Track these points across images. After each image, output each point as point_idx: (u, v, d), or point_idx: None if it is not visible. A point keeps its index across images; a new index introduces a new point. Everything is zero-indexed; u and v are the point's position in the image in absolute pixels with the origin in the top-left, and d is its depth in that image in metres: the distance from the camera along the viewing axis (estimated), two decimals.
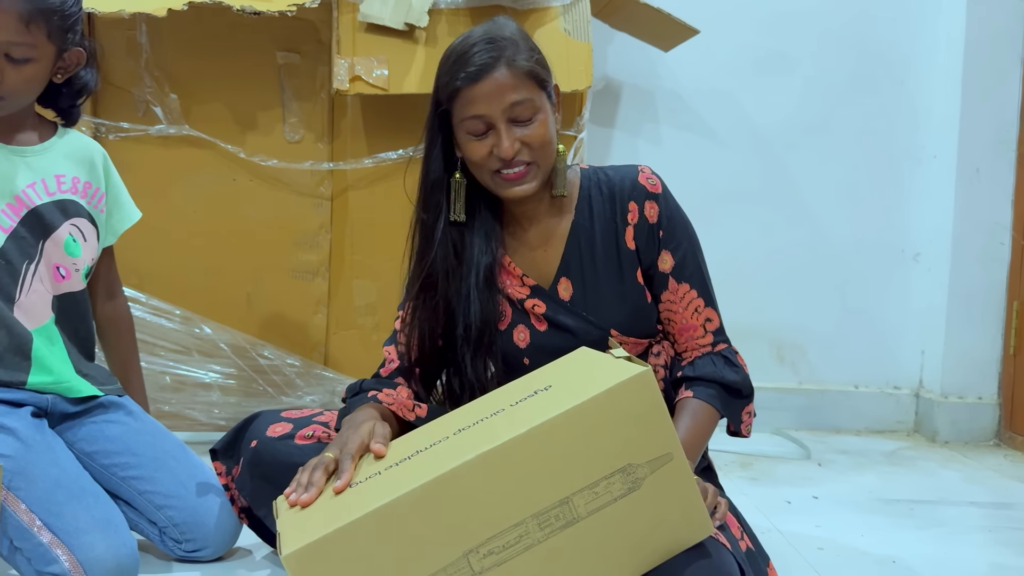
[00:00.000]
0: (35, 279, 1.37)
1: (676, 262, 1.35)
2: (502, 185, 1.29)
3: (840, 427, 2.62)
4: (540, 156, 1.28)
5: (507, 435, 0.95)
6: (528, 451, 0.95)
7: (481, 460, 0.94)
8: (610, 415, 0.96)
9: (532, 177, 1.29)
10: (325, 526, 0.93)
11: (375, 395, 1.31)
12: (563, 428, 0.96)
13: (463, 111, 1.26)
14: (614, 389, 0.97)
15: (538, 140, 1.27)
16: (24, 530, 1.21)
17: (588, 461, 0.96)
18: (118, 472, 1.37)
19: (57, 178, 1.41)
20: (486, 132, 1.26)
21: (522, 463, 0.95)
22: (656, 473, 0.98)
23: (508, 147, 1.25)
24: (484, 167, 1.28)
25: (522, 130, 1.26)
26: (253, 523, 1.45)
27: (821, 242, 2.62)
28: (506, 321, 1.37)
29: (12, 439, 1.28)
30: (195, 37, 2.04)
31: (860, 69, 2.58)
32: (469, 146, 1.28)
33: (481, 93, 1.24)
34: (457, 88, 1.25)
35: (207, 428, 2.15)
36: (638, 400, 0.97)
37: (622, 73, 2.55)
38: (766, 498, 1.96)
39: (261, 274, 2.17)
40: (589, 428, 0.96)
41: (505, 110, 1.25)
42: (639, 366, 0.99)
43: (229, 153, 2.07)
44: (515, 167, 1.27)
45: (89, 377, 1.44)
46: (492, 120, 1.25)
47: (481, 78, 1.24)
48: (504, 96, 1.24)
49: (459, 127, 1.28)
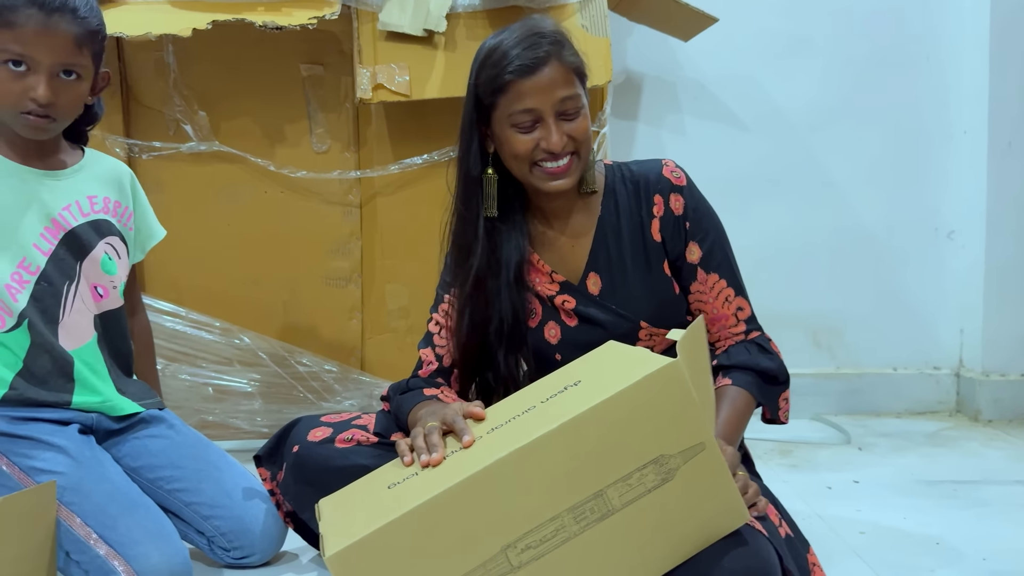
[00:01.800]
0: (76, 299, 1.41)
1: (704, 253, 1.36)
2: (542, 179, 1.31)
3: (880, 410, 2.59)
4: (582, 149, 1.31)
5: (540, 431, 0.97)
6: (561, 446, 0.97)
7: (515, 456, 0.96)
8: (640, 407, 0.98)
9: (574, 171, 1.31)
10: (366, 526, 0.95)
11: (434, 395, 1.34)
12: (594, 421, 0.97)
13: (512, 104, 1.28)
14: (643, 381, 0.98)
15: (582, 134, 1.30)
16: (81, 543, 1.25)
17: (620, 453, 0.98)
18: (164, 485, 1.40)
19: (90, 199, 1.45)
20: (533, 126, 1.28)
21: (555, 458, 0.96)
22: (689, 463, 0.99)
23: (557, 140, 1.27)
24: (526, 159, 1.30)
25: (568, 124, 1.29)
26: (298, 526, 1.48)
27: (853, 224, 2.59)
28: (536, 318, 1.39)
29: (63, 456, 1.32)
30: (221, 55, 2.08)
31: (883, 47, 2.55)
32: (514, 139, 1.29)
33: (533, 87, 1.26)
34: (506, 81, 1.27)
35: (251, 436, 2.19)
36: (668, 391, 0.98)
37: (642, 65, 2.54)
38: (806, 484, 1.95)
39: (296, 283, 2.20)
40: (620, 421, 0.97)
41: (555, 104, 1.27)
42: (667, 357, 1.00)
43: (259, 166, 2.11)
44: (560, 159, 1.29)
45: (130, 394, 1.47)
46: (542, 113, 1.27)
47: (534, 72, 1.26)
48: (555, 90, 1.27)
49: (503, 120, 1.30)
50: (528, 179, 1.32)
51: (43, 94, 1.29)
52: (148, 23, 1.90)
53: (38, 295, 1.37)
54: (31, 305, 1.36)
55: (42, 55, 1.29)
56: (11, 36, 1.28)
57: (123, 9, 1.96)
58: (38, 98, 1.29)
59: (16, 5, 1.27)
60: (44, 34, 1.29)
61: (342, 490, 1.14)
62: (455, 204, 1.38)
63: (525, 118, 1.28)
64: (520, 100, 1.27)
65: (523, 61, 1.26)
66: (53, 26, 1.29)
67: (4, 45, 1.28)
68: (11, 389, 1.36)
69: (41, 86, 1.29)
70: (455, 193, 1.38)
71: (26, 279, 1.37)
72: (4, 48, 1.28)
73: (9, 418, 1.34)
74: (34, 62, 1.29)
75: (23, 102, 1.30)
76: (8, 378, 1.36)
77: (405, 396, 1.36)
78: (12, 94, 1.30)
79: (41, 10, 1.28)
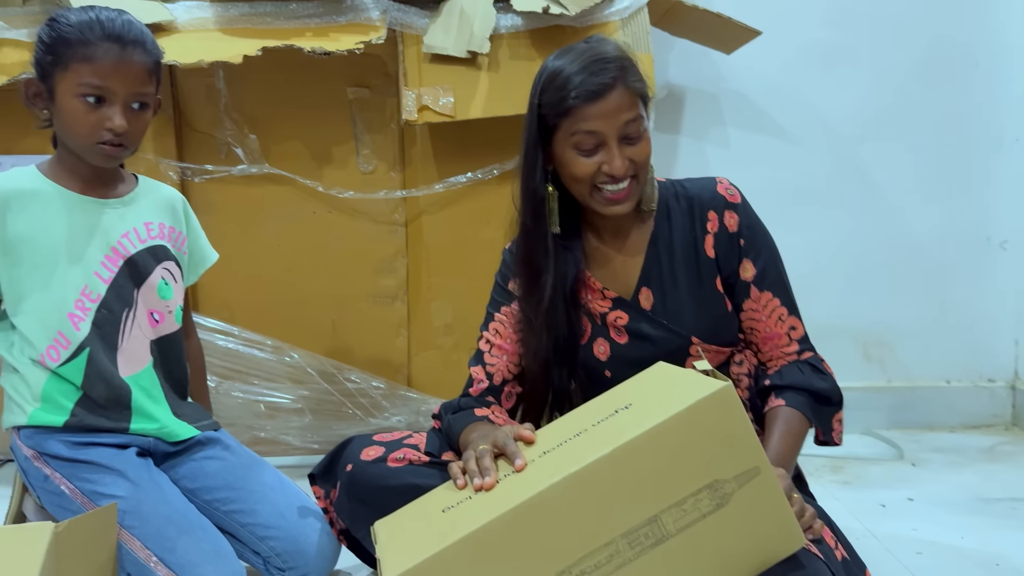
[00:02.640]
0: (134, 326, 1.44)
1: (758, 271, 1.35)
2: (602, 203, 1.31)
3: (933, 424, 2.55)
4: (642, 173, 1.32)
5: (592, 456, 0.97)
6: (613, 471, 0.97)
7: (568, 482, 0.96)
8: (693, 432, 0.97)
9: (633, 195, 1.32)
10: (422, 552, 0.96)
11: (486, 415, 1.35)
12: (647, 447, 0.97)
13: (576, 127, 1.28)
14: (695, 406, 0.98)
15: (644, 158, 1.31)
16: (141, 566, 1.28)
17: (674, 478, 0.97)
18: (220, 507, 1.42)
19: (146, 225, 1.48)
20: (595, 149, 1.29)
21: (608, 483, 0.97)
22: (744, 488, 0.98)
23: (620, 165, 1.28)
24: (587, 182, 1.30)
25: (630, 148, 1.29)
26: (352, 544, 1.50)
27: (902, 235, 2.55)
28: (586, 335, 1.40)
29: (122, 480, 1.35)
30: (270, 79, 2.12)
31: (930, 55, 2.51)
32: (575, 162, 1.30)
33: (599, 111, 1.27)
34: (571, 106, 1.27)
35: (302, 452, 2.22)
36: (720, 416, 0.98)
37: (685, 78, 2.54)
38: (859, 502, 1.92)
39: (344, 301, 2.23)
40: (673, 446, 0.97)
41: (619, 128, 1.28)
42: (719, 381, 1.00)
43: (308, 188, 2.14)
44: (620, 184, 1.29)
45: (185, 416, 1.50)
46: (605, 137, 1.28)
47: (600, 97, 1.27)
48: (620, 115, 1.27)
49: (565, 142, 1.30)
50: (587, 201, 1.33)
51: (120, 123, 1.34)
52: (200, 51, 1.94)
53: (99, 322, 1.41)
54: (92, 333, 1.40)
55: (118, 87, 1.34)
56: (90, 70, 1.33)
57: (176, 37, 2.01)
58: (115, 128, 1.34)
59: (93, 40, 1.32)
60: (121, 67, 1.34)
61: (397, 512, 1.16)
62: (522, 223, 1.39)
63: (588, 141, 1.28)
64: (585, 123, 1.28)
65: (589, 87, 1.26)
66: (128, 59, 1.34)
67: (83, 79, 1.33)
68: (72, 416, 1.39)
69: (117, 116, 1.34)
70: (521, 211, 1.38)
71: (88, 306, 1.40)
72: (83, 82, 1.33)
73: (71, 443, 1.38)
74: (111, 93, 1.34)
75: (99, 133, 1.35)
76: (69, 406, 1.39)
77: (456, 416, 1.37)
78: (88, 125, 1.35)
79: (117, 44, 1.33)
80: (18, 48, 2.02)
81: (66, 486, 1.35)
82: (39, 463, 1.37)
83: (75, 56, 1.33)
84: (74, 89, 1.34)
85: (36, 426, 1.39)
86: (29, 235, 1.38)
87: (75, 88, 1.33)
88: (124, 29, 1.35)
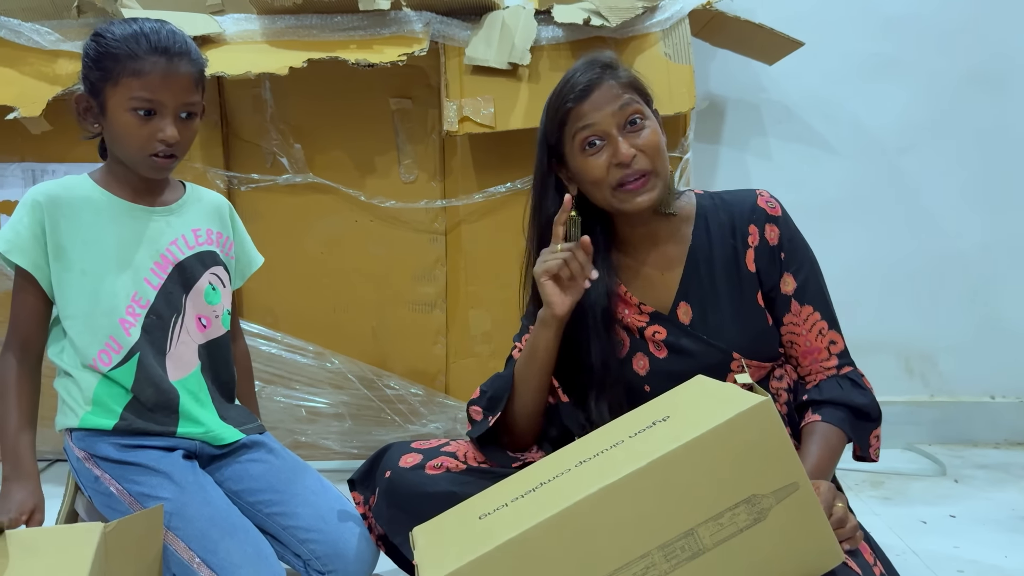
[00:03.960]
0: (182, 331, 1.48)
1: (799, 284, 1.34)
2: (624, 199, 1.31)
3: (976, 440, 2.50)
4: (657, 164, 1.30)
5: (629, 467, 0.97)
6: (650, 483, 0.97)
7: (606, 492, 0.97)
8: (731, 446, 0.98)
9: (653, 186, 1.31)
10: (459, 558, 0.98)
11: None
12: (684, 459, 0.97)
13: (575, 128, 1.30)
14: (734, 420, 0.98)
15: (652, 146, 1.30)
16: (185, 567, 1.31)
17: (711, 492, 0.98)
18: (263, 509, 1.45)
19: (194, 232, 1.51)
20: (601, 146, 1.30)
21: (645, 495, 0.97)
22: (782, 503, 0.98)
23: (625, 151, 1.28)
24: (604, 183, 1.31)
25: (635, 137, 1.29)
26: (389, 549, 1.52)
27: (945, 247, 2.52)
28: (625, 350, 1.39)
29: (168, 482, 1.38)
30: (315, 91, 2.16)
31: (974, 65, 2.47)
32: (587, 164, 1.31)
33: (591, 105, 1.29)
34: (568, 109, 1.30)
35: (341, 456, 2.25)
36: (759, 430, 0.98)
37: (725, 89, 2.53)
38: (900, 518, 1.90)
39: (384, 308, 2.26)
40: (710, 459, 0.98)
41: (615, 114, 1.29)
42: (759, 395, 1.00)
43: (351, 197, 2.18)
44: (635, 175, 1.29)
45: (231, 419, 1.53)
46: (605, 129, 1.29)
47: (590, 92, 1.29)
48: (612, 103, 1.29)
49: (572, 151, 1.32)
50: (611, 204, 1.33)
51: (171, 134, 1.37)
52: (248, 63, 1.98)
53: (148, 328, 1.44)
54: (142, 338, 1.43)
55: (168, 98, 1.37)
56: (139, 84, 1.35)
57: (224, 49, 2.06)
58: (167, 139, 1.37)
59: (141, 54, 1.35)
60: (169, 78, 1.36)
61: (435, 519, 1.17)
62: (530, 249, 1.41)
63: (590, 136, 1.29)
64: (581, 121, 1.29)
65: (578, 86, 1.30)
66: (175, 70, 1.37)
67: (134, 93, 1.36)
68: (121, 420, 1.42)
69: (169, 127, 1.37)
70: (534, 240, 1.40)
71: (138, 312, 1.43)
72: (134, 96, 1.36)
73: (119, 445, 1.41)
74: (161, 106, 1.37)
75: (152, 144, 1.38)
76: (118, 409, 1.43)
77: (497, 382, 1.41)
78: (141, 138, 1.38)
79: (164, 56, 1.36)
80: (72, 60, 2.08)
81: (115, 487, 1.39)
82: (90, 464, 1.41)
83: (124, 71, 1.35)
84: (125, 103, 1.36)
85: (87, 429, 1.42)
86: (80, 241, 1.41)
87: (126, 102, 1.36)
88: (169, 41, 1.37)
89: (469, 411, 1.43)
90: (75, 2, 2.08)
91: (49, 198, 1.40)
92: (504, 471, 1.34)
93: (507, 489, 1.13)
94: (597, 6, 2.06)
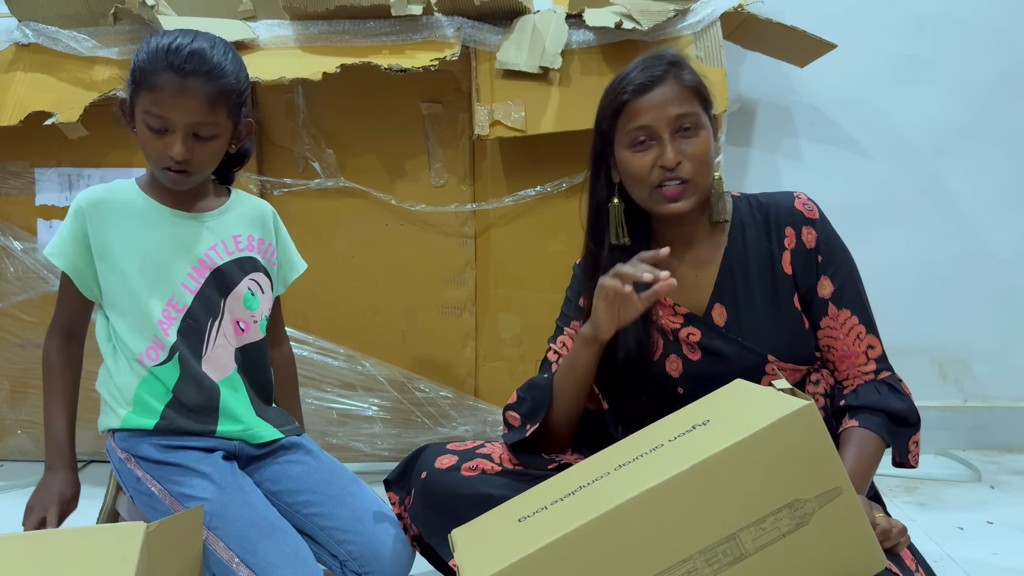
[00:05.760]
0: (219, 335, 1.49)
1: (836, 288, 1.33)
2: (659, 202, 1.30)
3: (1012, 445, 2.47)
4: (697, 175, 1.29)
5: (671, 471, 0.97)
6: (692, 487, 0.97)
7: (647, 496, 0.96)
8: (773, 450, 0.97)
9: (688, 196, 1.30)
10: (500, 560, 0.98)
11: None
12: (726, 464, 0.97)
13: (627, 123, 1.29)
14: (777, 424, 0.97)
15: (699, 156, 1.28)
16: (225, 567, 1.32)
17: (753, 497, 0.97)
18: (301, 510, 1.46)
19: (234, 238, 1.53)
20: (649, 145, 1.29)
21: (686, 499, 0.97)
22: (825, 508, 0.98)
23: (672, 156, 1.27)
24: (646, 182, 1.30)
25: (685, 144, 1.28)
26: (424, 550, 1.52)
27: (980, 251, 2.49)
28: (658, 352, 1.39)
29: (208, 483, 1.39)
30: (347, 96, 2.17)
31: (1009, 66, 2.45)
32: (632, 160, 1.30)
33: (648, 104, 1.28)
34: (624, 101, 1.29)
35: (371, 459, 2.26)
36: (801, 434, 0.97)
37: (757, 91, 2.52)
38: (936, 524, 1.88)
39: (414, 311, 2.27)
40: (752, 464, 0.97)
41: (670, 121, 1.28)
42: (801, 399, 0.99)
43: (381, 201, 2.19)
44: (675, 181, 1.28)
45: (269, 420, 1.54)
46: (657, 131, 1.28)
47: (649, 90, 1.27)
48: (670, 107, 1.27)
49: (621, 142, 1.31)
50: (648, 204, 1.32)
51: (178, 152, 1.37)
52: (281, 68, 2.00)
53: (184, 331, 1.45)
54: (179, 340, 1.45)
55: (176, 116, 1.36)
56: (151, 99, 1.36)
57: (257, 55, 2.08)
58: (174, 156, 1.38)
59: (156, 69, 1.35)
60: (178, 97, 1.35)
61: (474, 521, 1.17)
62: (586, 239, 1.40)
63: (640, 135, 1.29)
64: (635, 118, 1.29)
65: (639, 80, 1.28)
66: (186, 89, 1.35)
67: (146, 107, 1.37)
68: (162, 419, 1.44)
69: (177, 145, 1.37)
70: (586, 227, 1.40)
71: (173, 316, 1.45)
72: (146, 111, 1.37)
73: (160, 446, 1.43)
74: (170, 123, 1.37)
75: (164, 159, 1.39)
76: (159, 408, 1.44)
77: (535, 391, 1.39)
78: (154, 151, 1.40)
79: (176, 73, 1.35)
80: (108, 66, 2.11)
81: (156, 488, 1.41)
82: (132, 465, 1.43)
83: (143, 84, 1.37)
84: (141, 116, 1.38)
85: (129, 429, 1.44)
86: (121, 244, 1.44)
87: (142, 115, 1.38)
88: (186, 59, 1.35)
89: (506, 415, 1.43)
90: (112, 9, 2.11)
91: (91, 203, 1.44)
92: (540, 473, 1.34)
93: (546, 492, 1.13)
94: (628, 9, 2.06)
